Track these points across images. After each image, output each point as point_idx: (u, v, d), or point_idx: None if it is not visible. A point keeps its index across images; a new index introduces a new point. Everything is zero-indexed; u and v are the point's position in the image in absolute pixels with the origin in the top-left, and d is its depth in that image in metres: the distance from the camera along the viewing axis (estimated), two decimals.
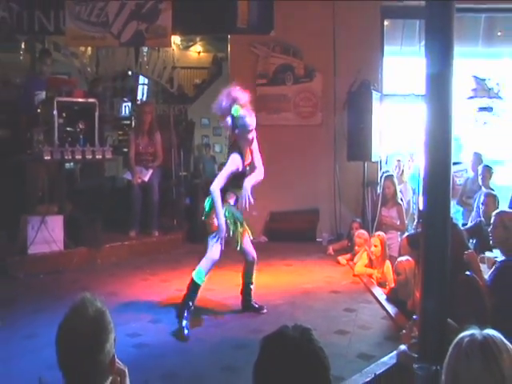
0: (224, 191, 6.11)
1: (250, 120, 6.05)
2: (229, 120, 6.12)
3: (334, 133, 10.76)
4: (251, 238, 6.54)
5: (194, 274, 6.08)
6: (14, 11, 10.11)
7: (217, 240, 6.04)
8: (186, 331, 5.77)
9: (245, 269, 6.51)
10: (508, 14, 11.67)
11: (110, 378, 2.49)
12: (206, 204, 6.30)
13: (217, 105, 6.20)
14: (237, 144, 6.19)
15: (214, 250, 6.07)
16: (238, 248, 6.25)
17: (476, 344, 2.30)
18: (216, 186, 5.99)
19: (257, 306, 6.50)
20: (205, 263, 6.10)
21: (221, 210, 6.02)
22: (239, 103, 6.09)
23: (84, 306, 2.43)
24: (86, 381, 2.39)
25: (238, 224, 6.26)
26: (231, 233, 6.17)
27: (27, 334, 2.32)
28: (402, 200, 9.47)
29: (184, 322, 5.84)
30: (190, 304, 6.02)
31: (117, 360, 2.77)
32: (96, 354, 2.37)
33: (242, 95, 6.15)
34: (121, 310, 6.58)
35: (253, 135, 6.13)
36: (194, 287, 6.07)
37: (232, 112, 6.04)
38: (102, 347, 2.38)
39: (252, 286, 6.53)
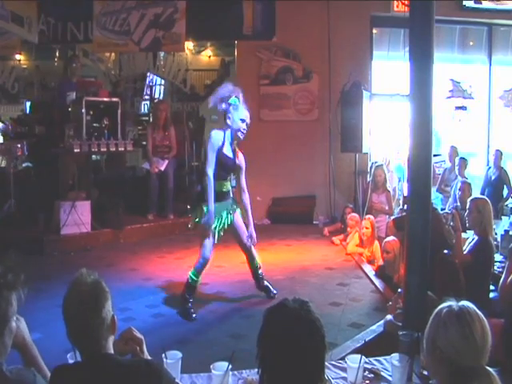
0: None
1: (245, 114, 5.60)
2: (223, 106, 5.60)
3: (329, 127, 10.74)
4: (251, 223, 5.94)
5: (189, 275, 5.68)
6: (50, 24, 10.18)
7: (207, 228, 5.53)
8: (192, 315, 5.50)
9: (247, 257, 6.06)
10: (478, 27, 11.74)
11: (112, 336, 2.52)
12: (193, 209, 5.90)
13: (215, 94, 5.71)
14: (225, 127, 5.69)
15: (206, 249, 5.61)
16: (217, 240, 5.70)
17: (453, 314, 2.32)
18: (208, 169, 5.52)
19: (270, 290, 6.04)
20: (198, 263, 5.68)
21: (211, 197, 5.48)
22: (238, 97, 5.64)
23: (82, 276, 2.49)
24: (89, 338, 2.42)
25: (227, 215, 5.75)
26: (217, 228, 5.65)
27: (60, 303, 2.36)
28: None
29: (188, 311, 5.53)
30: (190, 299, 5.63)
31: (134, 330, 2.81)
32: (97, 313, 2.41)
33: (240, 93, 5.70)
34: (140, 284, 6.63)
35: (243, 131, 5.63)
36: (190, 287, 5.68)
37: (230, 101, 5.57)
38: (101, 307, 2.42)
39: (260, 271, 6.09)
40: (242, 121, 5.62)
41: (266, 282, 6.12)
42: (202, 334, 5.14)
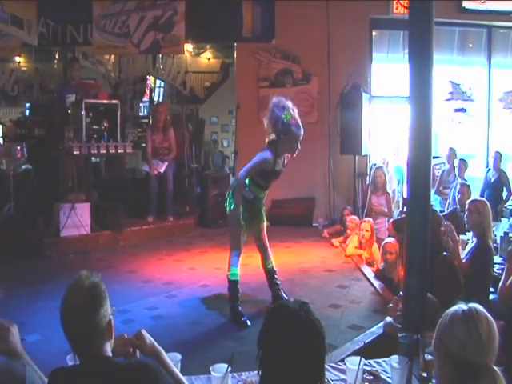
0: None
1: (297, 130, 5.45)
2: (279, 125, 5.42)
3: (329, 129, 10.76)
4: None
5: (228, 274, 5.64)
6: (50, 27, 10.21)
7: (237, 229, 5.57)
8: (248, 323, 5.35)
9: (261, 256, 6.04)
10: (477, 29, 11.76)
11: (111, 341, 2.53)
12: (228, 198, 5.72)
13: (268, 114, 5.54)
14: (275, 145, 5.53)
15: (236, 243, 5.63)
16: (245, 241, 5.73)
17: (460, 313, 2.34)
18: (242, 176, 5.48)
19: (286, 297, 5.80)
20: (232, 259, 5.64)
21: (239, 199, 5.50)
22: (289, 111, 5.47)
23: (81, 279, 2.48)
24: (85, 342, 2.43)
25: (256, 219, 5.86)
26: (245, 226, 5.62)
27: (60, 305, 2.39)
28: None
29: (242, 318, 5.41)
30: (237, 303, 5.60)
31: (152, 340, 2.81)
32: (92, 317, 2.41)
33: (292, 106, 5.55)
34: (140, 286, 6.62)
35: (297, 147, 5.51)
36: (232, 286, 5.63)
37: (283, 117, 5.40)
38: (96, 311, 2.42)
39: (276, 276, 6.00)
40: (296, 137, 5.50)
41: (282, 293, 5.94)
42: (201, 336, 5.13)
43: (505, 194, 10.59)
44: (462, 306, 2.38)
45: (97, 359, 2.45)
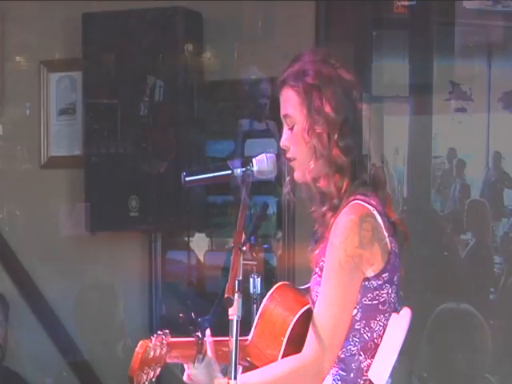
0: None
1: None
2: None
3: None
4: None
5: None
6: None
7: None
8: None
9: None
10: (478, 28, 11.75)
11: (122, 340, 2.53)
12: None
13: None
14: None
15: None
16: None
17: (454, 317, 2.33)
18: None
19: None
20: None
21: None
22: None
23: (96, 278, 2.49)
24: (103, 341, 2.43)
25: None
26: None
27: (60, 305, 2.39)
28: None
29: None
30: None
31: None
32: (109, 317, 2.42)
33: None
34: (141, 288, 6.62)
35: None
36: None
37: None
38: (113, 311, 2.43)
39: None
40: None
41: None
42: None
43: (506, 193, 10.56)
44: (454, 311, 2.35)
45: None
